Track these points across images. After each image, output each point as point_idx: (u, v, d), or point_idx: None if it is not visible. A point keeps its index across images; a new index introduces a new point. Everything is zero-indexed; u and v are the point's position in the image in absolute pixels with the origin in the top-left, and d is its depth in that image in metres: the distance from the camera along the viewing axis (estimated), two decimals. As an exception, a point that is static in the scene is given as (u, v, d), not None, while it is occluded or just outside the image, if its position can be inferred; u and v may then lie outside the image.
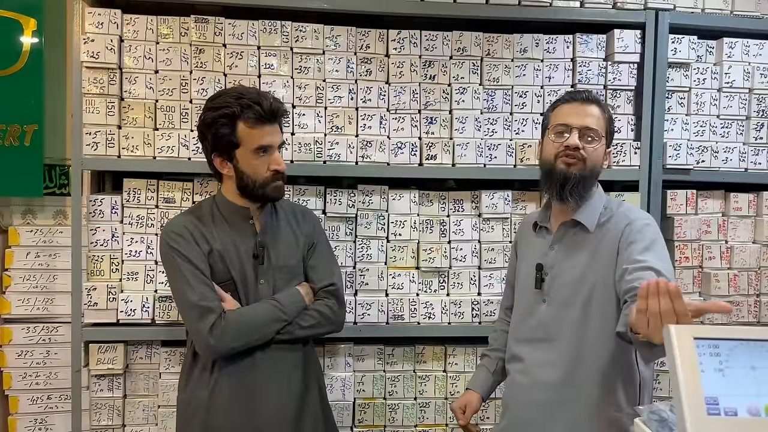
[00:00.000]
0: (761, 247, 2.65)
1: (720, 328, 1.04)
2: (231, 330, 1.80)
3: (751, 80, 2.63)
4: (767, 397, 0.90)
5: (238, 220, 1.94)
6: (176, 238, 1.87)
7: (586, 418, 1.71)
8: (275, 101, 1.86)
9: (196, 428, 1.89)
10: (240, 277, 1.91)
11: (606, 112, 1.82)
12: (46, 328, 2.45)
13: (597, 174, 1.80)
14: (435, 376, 2.54)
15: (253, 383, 1.88)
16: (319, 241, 2.06)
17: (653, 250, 1.62)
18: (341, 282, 2.05)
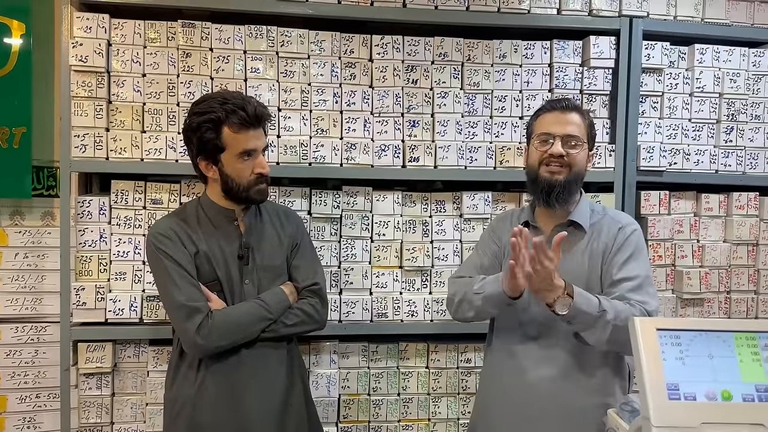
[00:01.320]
0: (731, 246, 2.75)
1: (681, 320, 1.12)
2: (218, 329, 1.85)
3: (721, 85, 2.73)
4: (723, 383, 0.98)
5: (223, 222, 1.98)
6: (163, 239, 1.90)
7: (581, 408, 1.80)
8: (259, 106, 1.90)
9: (182, 425, 1.93)
10: (225, 277, 1.95)
11: (586, 117, 1.91)
12: (34, 327, 2.49)
13: (581, 178, 1.89)
14: (418, 372, 2.61)
15: (239, 381, 1.93)
16: (302, 242, 2.11)
17: (635, 259, 1.81)
18: (324, 281, 2.10)
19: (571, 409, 1.81)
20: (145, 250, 1.98)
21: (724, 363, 0.99)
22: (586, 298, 1.70)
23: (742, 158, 2.75)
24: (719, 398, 0.97)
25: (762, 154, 2.76)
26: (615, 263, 1.82)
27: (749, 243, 2.76)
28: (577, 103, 1.95)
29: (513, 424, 1.88)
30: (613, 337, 1.68)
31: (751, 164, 2.76)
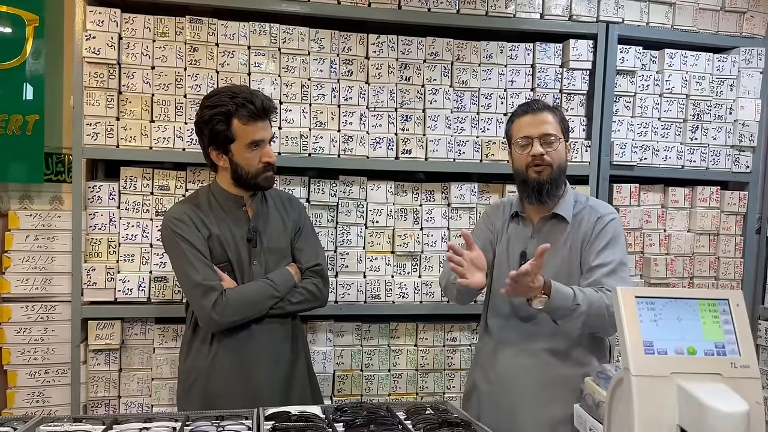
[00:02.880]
0: (695, 235, 3.00)
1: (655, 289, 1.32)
2: (231, 306, 2.01)
3: (688, 87, 2.96)
4: (689, 340, 1.18)
5: (233, 207, 2.13)
6: (178, 223, 2.04)
7: (564, 377, 1.99)
8: (266, 99, 2.05)
9: (196, 395, 2.09)
10: (236, 258, 2.10)
11: (558, 114, 2.06)
12: (44, 306, 2.59)
13: (564, 170, 2.06)
14: (407, 350, 2.80)
15: (248, 354, 2.09)
16: (304, 226, 2.26)
17: (612, 246, 1.98)
18: (325, 262, 2.25)
19: (552, 379, 2.01)
20: (162, 234, 2.11)
21: (690, 324, 1.19)
22: (561, 294, 1.87)
23: (705, 155, 2.99)
24: (686, 353, 1.17)
25: (724, 151, 3.00)
26: (592, 250, 2.00)
27: (711, 233, 3.01)
28: (547, 102, 2.11)
29: (500, 393, 2.08)
30: (587, 323, 1.89)
31: (714, 160, 2.99)
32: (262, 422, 1.68)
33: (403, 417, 1.81)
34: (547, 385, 2.01)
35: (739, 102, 3.00)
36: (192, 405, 2.09)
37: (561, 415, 1.97)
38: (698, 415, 1.07)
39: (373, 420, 1.73)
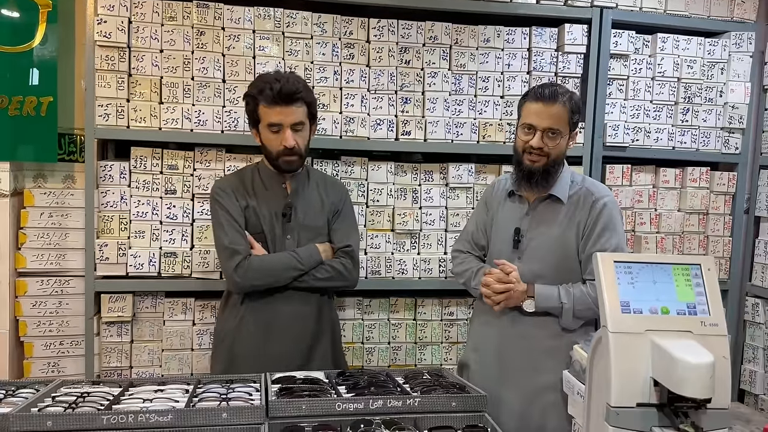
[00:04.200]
0: (685, 214, 3.10)
1: (633, 254, 1.42)
2: (254, 271, 2.16)
3: (679, 70, 3.05)
4: (663, 301, 1.28)
5: (273, 184, 2.28)
6: (220, 192, 2.24)
7: (556, 346, 2.11)
8: (288, 86, 2.13)
9: (223, 353, 2.26)
10: (269, 230, 2.25)
11: (568, 104, 2.06)
12: (58, 281, 2.71)
13: (561, 160, 2.14)
14: (406, 323, 2.91)
15: (272, 321, 2.23)
16: (343, 209, 2.37)
17: (607, 231, 2.08)
18: (357, 245, 2.36)
19: (539, 349, 2.13)
20: (209, 201, 2.32)
21: (664, 287, 1.30)
22: (546, 296, 2.08)
23: (696, 136, 3.08)
24: (659, 312, 1.27)
25: (714, 133, 3.10)
26: (589, 237, 2.10)
27: (700, 212, 3.11)
28: (562, 90, 2.08)
29: (489, 364, 2.21)
30: (577, 316, 2.08)
31: (704, 142, 3.09)
32: (269, 385, 1.80)
33: (402, 381, 1.93)
34: (534, 355, 2.13)
35: (729, 85, 3.09)
36: (219, 363, 2.27)
37: (548, 383, 2.10)
38: (669, 367, 1.18)
39: (373, 383, 1.86)
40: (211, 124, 2.66)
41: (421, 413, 1.67)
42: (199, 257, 2.68)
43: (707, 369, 1.15)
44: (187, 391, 1.78)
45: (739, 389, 3.22)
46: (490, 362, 2.21)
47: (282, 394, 1.73)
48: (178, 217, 2.69)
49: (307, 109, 2.21)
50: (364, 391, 1.77)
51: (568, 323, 2.10)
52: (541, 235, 2.15)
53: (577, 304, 2.06)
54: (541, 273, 2.13)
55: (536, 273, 2.13)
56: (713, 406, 1.22)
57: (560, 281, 2.12)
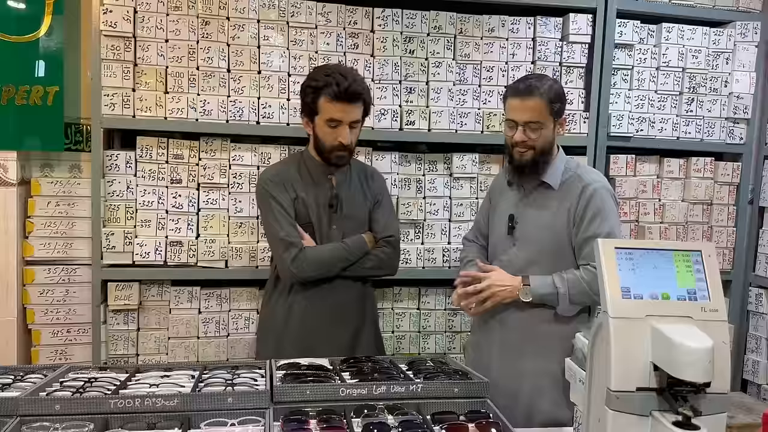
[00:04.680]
0: (689, 204, 3.10)
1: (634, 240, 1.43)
2: (309, 262, 2.21)
3: (684, 60, 3.05)
4: (663, 287, 1.29)
5: (319, 175, 2.31)
6: (270, 183, 2.27)
7: (548, 332, 2.15)
8: (355, 85, 2.15)
9: (271, 338, 2.34)
10: (317, 221, 2.29)
11: (546, 96, 2.08)
12: (65, 269, 2.73)
13: (550, 149, 2.17)
14: (410, 312, 2.93)
15: (321, 307, 2.28)
16: (383, 199, 2.41)
17: (598, 217, 2.09)
18: (398, 234, 2.40)
19: (538, 336, 2.17)
20: (256, 190, 2.35)
21: (665, 273, 1.30)
22: (541, 283, 2.11)
23: (700, 127, 3.08)
24: (660, 298, 1.28)
25: (718, 123, 3.10)
26: (581, 224, 2.12)
27: (704, 202, 3.12)
28: (538, 83, 2.10)
29: (496, 349, 2.24)
30: (574, 302, 2.11)
31: (709, 132, 3.09)
32: (274, 371, 1.82)
33: (405, 368, 1.94)
34: (526, 339, 2.18)
35: (734, 75, 3.09)
36: (266, 348, 2.33)
37: (537, 367, 2.15)
38: (668, 351, 1.19)
39: (377, 370, 1.87)
40: (216, 114, 2.68)
41: (424, 399, 1.68)
42: (205, 246, 2.70)
43: (706, 353, 1.16)
44: (192, 377, 1.80)
45: (742, 379, 3.23)
46: (485, 345, 2.26)
47: (286, 380, 1.75)
48: (184, 206, 2.71)
49: (364, 108, 2.23)
50: (368, 378, 1.79)
51: (565, 309, 2.13)
52: (533, 222, 2.19)
53: (571, 289, 2.09)
54: (534, 259, 2.17)
55: (530, 259, 2.17)
56: (712, 391, 1.22)
57: (555, 267, 2.15)
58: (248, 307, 2.82)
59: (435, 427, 1.54)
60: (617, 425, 1.26)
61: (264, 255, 2.74)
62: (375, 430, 1.48)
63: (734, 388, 3.16)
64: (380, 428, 1.49)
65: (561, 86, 2.19)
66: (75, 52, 2.74)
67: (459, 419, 1.61)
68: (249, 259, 2.75)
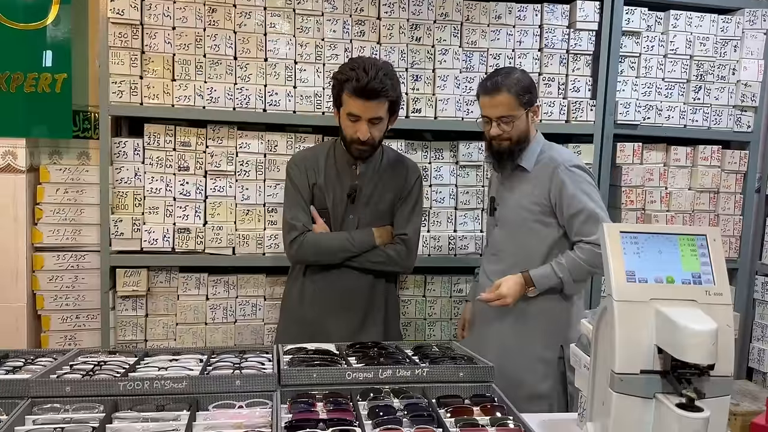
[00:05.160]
0: (695, 192, 3.10)
1: (639, 225, 1.43)
2: (307, 247, 2.26)
3: (692, 48, 3.03)
4: (668, 271, 1.30)
5: (344, 164, 2.32)
6: (293, 167, 2.33)
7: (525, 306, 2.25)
8: (375, 83, 2.11)
9: (288, 315, 2.42)
10: (333, 209, 2.31)
11: (513, 90, 2.16)
12: (74, 256, 2.76)
13: (526, 137, 2.25)
14: (416, 300, 2.95)
15: (330, 292, 2.31)
16: (409, 195, 2.38)
17: (575, 193, 2.16)
18: (416, 234, 2.38)
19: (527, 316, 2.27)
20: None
21: (670, 257, 1.31)
22: (543, 276, 2.18)
23: (708, 114, 3.07)
24: (665, 281, 1.29)
25: (726, 111, 3.08)
26: (562, 204, 2.19)
27: (711, 190, 3.11)
28: (504, 79, 2.17)
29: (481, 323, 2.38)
30: (578, 280, 2.20)
31: (716, 120, 3.08)
32: (281, 356, 1.84)
33: (411, 354, 1.96)
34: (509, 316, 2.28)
35: (742, 63, 3.07)
36: (283, 329, 2.43)
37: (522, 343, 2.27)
38: (672, 334, 1.20)
39: (382, 354, 1.89)
40: (223, 101, 2.69)
41: (429, 383, 1.69)
42: (212, 233, 2.72)
43: (710, 335, 1.16)
44: (201, 361, 1.82)
45: (748, 367, 3.23)
46: (478, 323, 2.40)
47: (293, 364, 1.77)
48: (191, 193, 2.72)
49: (389, 105, 2.21)
50: (374, 362, 1.81)
51: (572, 290, 2.22)
52: (511, 203, 2.30)
53: (572, 272, 2.17)
54: (514, 238, 2.28)
55: (509, 239, 2.29)
56: (716, 374, 1.23)
57: (531, 246, 2.25)
58: (255, 293, 2.84)
59: (440, 411, 1.55)
60: (621, 407, 1.27)
61: (270, 242, 2.76)
62: (381, 412, 1.49)
63: (740, 376, 3.16)
64: (386, 411, 1.50)
65: (528, 77, 2.25)
66: (83, 39, 2.75)
67: (464, 403, 1.62)
68: (256, 246, 2.77)
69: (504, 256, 2.31)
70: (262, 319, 2.85)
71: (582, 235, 2.15)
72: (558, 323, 2.26)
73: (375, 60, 2.25)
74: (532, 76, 2.27)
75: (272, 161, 2.77)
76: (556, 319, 2.25)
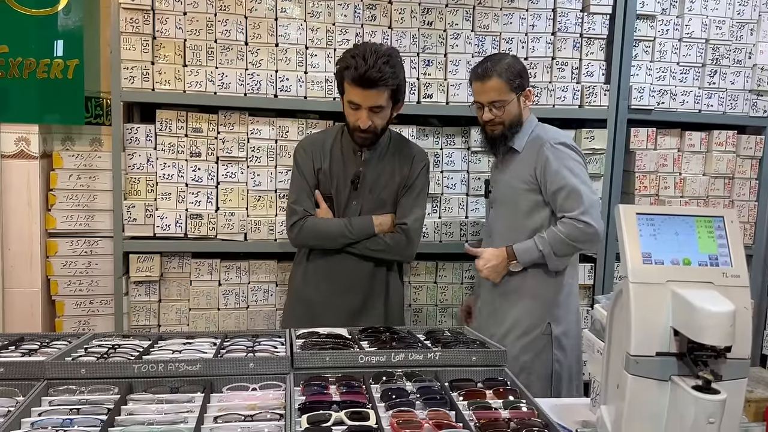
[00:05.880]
0: (710, 178, 3.06)
1: (655, 206, 1.42)
2: (305, 232, 2.30)
3: (707, 31, 2.99)
4: (685, 252, 1.28)
5: (349, 150, 2.34)
6: (300, 151, 2.36)
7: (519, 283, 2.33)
8: (373, 72, 2.10)
9: (293, 295, 2.47)
10: (336, 194, 2.34)
11: (504, 76, 2.22)
12: (87, 241, 2.78)
13: (519, 121, 2.29)
14: (427, 286, 2.94)
15: (331, 275, 2.35)
16: (414, 185, 2.38)
17: (559, 169, 2.20)
18: (417, 224, 2.37)
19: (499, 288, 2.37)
20: None
21: (687, 239, 1.30)
22: (525, 250, 2.25)
23: (723, 99, 3.03)
24: (681, 263, 1.27)
25: (741, 95, 3.04)
26: (546, 180, 2.23)
27: (726, 176, 3.07)
28: (494, 65, 2.23)
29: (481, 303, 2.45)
30: (560, 255, 2.22)
31: (732, 105, 3.04)
32: (294, 339, 1.84)
33: (423, 338, 1.96)
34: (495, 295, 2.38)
35: (759, 46, 3.03)
36: (288, 311, 2.49)
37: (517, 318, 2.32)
38: (689, 316, 1.19)
39: (394, 339, 1.89)
40: (234, 87, 2.68)
41: (442, 366, 1.69)
42: (224, 219, 2.73)
43: (728, 317, 1.15)
44: (214, 344, 1.83)
45: (761, 354, 3.21)
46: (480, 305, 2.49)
47: (306, 347, 1.77)
48: (203, 179, 2.73)
49: (391, 93, 2.20)
50: (386, 345, 1.81)
51: (555, 265, 2.26)
52: (503, 184, 2.36)
53: (554, 246, 2.20)
54: (505, 217, 2.34)
55: (503, 219, 2.35)
56: (733, 356, 1.22)
57: (524, 224, 2.29)
58: (267, 279, 2.85)
59: (453, 394, 1.55)
60: (636, 390, 1.26)
61: (282, 228, 2.76)
62: (394, 395, 1.49)
63: (753, 364, 3.14)
64: (399, 393, 1.50)
65: (519, 62, 2.31)
66: (94, 25, 2.75)
67: (477, 386, 1.62)
68: (267, 232, 2.77)
69: (495, 235, 2.38)
70: (273, 305, 2.86)
71: (564, 211, 2.19)
72: (546, 300, 2.30)
73: (378, 47, 2.20)
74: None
75: (283, 147, 2.77)
76: (544, 296, 2.30)
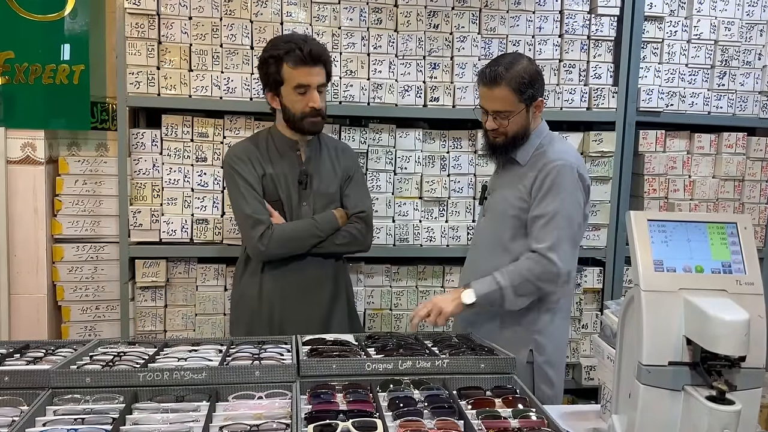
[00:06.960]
0: (719, 181, 3.03)
1: (667, 213, 1.40)
2: (276, 240, 2.17)
3: (716, 33, 2.96)
4: (697, 260, 1.26)
5: (287, 151, 2.28)
6: (237, 161, 2.23)
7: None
8: (317, 47, 2.14)
9: (245, 316, 2.30)
10: (286, 198, 2.26)
11: (513, 84, 2.02)
12: (93, 247, 2.77)
13: (523, 133, 2.10)
14: (434, 291, 2.92)
15: (291, 287, 2.26)
16: (355, 174, 2.38)
17: (550, 195, 2.03)
18: (371, 210, 2.37)
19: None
20: (223, 167, 2.32)
21: (699, 245, 1.27)
22: (482, 282, 2.04)
23: (732, 101, 3.00)
24: (693, 271, 1.25)
25: (751, 97, 3.01)
26: (535, 200, 2.07)
27: (736, 179, 3.04)
28: (505, 70, 2.02)
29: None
30: (519, 293, 2.02)
31: (741, 106, 3.01)
32: (300, 346, 1.83)
33: (431, 345, 1.94)
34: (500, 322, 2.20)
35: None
36: (240, 328, 2.30)
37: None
38: (702, 325, 1.16)
39: (402, 345, 1.87)
40: (240, 91, 2.67)
41: (450, 374, 1.67)
42: (230, 224, 2.72)
43: (742, 326, 1.13)
44: (220, 351, 1.81)
45: (773, 359, 3.17)
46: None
47: (312, 355, 1.76)
48: (209, 184, 2.72)
49: (327, 72, 2.20)
50: (393, 352, 1.79)
51: (512, 304, 2.05)
52: (500, 195, 2.20)
53: (513, 281, 2.01)
54: (498, 231, 2.16)
55: (494, 230, 2.17)
56: (747, 365, 1.19)
57: (515, 241, 2.11)
58: (273, 284, 2.83)
59: (461, 402, 1.53)
60: (648, 400, 1.23)
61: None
62: (401, 404, 1.47)
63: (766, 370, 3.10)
64: (407, 402, 1.48)
65: (534, 69, 2.08)
66: (100, 30, 2.75)
67: (485, 394, 1.60)
68: (274, 236, 2.76)
69: (480, 245, 2.25)
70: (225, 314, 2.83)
71: (536, 241, 2.02)
72: (529, 328, 2.14)
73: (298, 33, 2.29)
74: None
75: (289, 151, 2.75)
76: (527, 323, 2.14)
